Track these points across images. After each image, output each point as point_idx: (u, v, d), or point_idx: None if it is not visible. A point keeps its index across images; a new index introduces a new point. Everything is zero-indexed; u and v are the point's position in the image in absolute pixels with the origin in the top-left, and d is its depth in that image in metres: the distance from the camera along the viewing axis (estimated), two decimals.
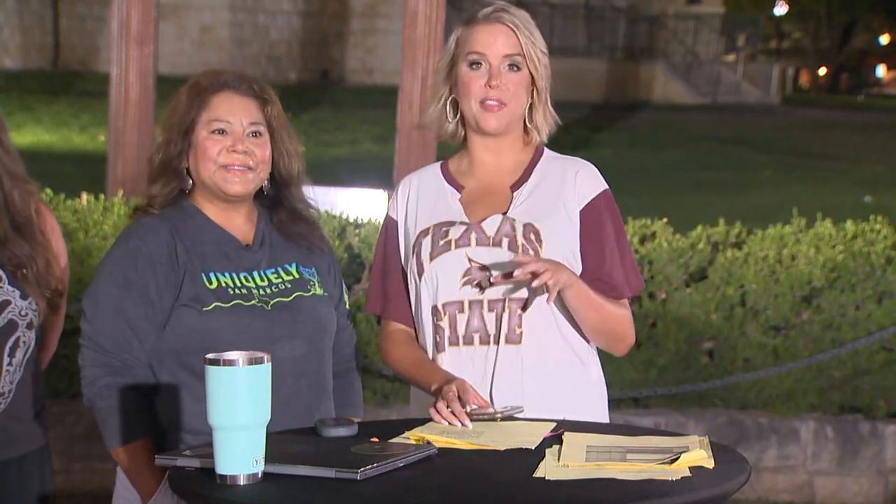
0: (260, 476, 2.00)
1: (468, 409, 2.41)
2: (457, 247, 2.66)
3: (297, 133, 2.80)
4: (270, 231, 2.73)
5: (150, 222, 2.63)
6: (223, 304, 2.58)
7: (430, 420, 2.40)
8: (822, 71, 44.79)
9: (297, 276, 2.70)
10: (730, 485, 2.02)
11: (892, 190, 13.45)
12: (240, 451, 1.98)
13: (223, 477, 1.99)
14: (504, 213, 2.67)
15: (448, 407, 2.42)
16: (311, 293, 2.70)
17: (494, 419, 2.34)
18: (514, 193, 2.70)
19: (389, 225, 2.82)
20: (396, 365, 2.78)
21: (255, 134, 2.66)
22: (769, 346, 5.67)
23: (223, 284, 2.60)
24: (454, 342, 2.66)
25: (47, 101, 17.71)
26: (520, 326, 2.62)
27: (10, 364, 2.77)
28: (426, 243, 2.69)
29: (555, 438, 2.27)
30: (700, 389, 5.57)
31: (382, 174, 9.08)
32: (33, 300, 2.79)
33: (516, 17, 2.70)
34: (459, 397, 2.46)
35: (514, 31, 2.68)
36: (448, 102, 2.76)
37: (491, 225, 2.66)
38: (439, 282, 2.66)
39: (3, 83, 19.28)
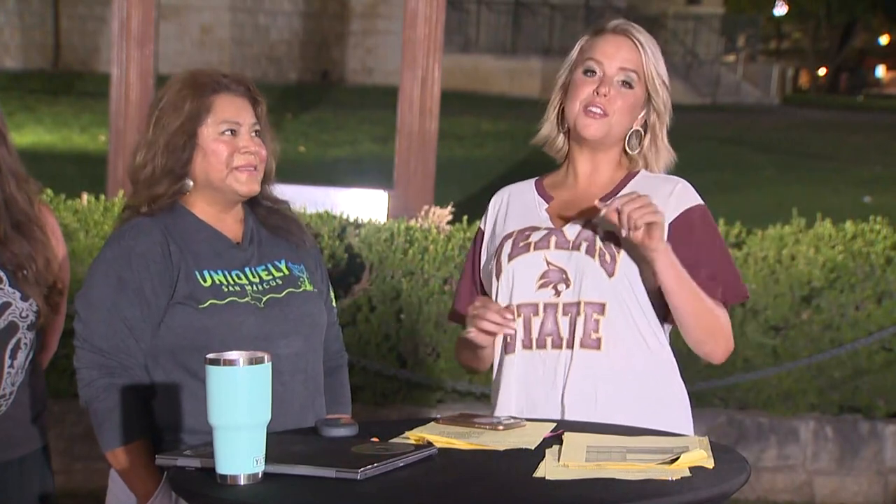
0: (260, 476, 2.00)
1: (475, 419, 2.40)
2: (535, 249, 2.64)
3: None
4: (259, 229, 2.74)
5: (142, 223, 2.64)
6: (218, 302, 2.59)
7: (431, 420, 2.41)
8: (822, 71, 44.78)
9: (286, 272, 2.71)
10: (729, 485, 2.02)
11: (892, 190, 13.45)
12: (240, 451, 1.99)
13: (223, 477, 1.99)
14: (588, 220, 2.64)
15: (483, 313, 2.52)
16: (301, 289, 2.71)
17: (496, 429, 2.34)
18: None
19: (477, 235, 2.85)
20: (458, 355, 2.84)
21: (256, 134, 2.67)
22: (769, 346, 5.67)
23: (217, 282, 2.61)
24: (527, 345, 2.63)
25: (48, 102, 17.71)
26: (597, 331, 2.58)
27: (11, 366, 2.77)
28: (507, 245, 2.68)
29: (555, 438, 2.28)
30: (700, 389, 5.58)
31: (382, 174, 9.08)
32: (34, 301, 2.79)
33: (644, 37, 2.67)
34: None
35: (638, 49, 2.65)
36: (559, 112, 2.73)
37: (572, 230, 2.63)
38: (515, 283, 2.64)
39: (4, 83, 19.28)
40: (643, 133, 2.72)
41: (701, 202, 2.67)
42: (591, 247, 2.60)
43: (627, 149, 2.71)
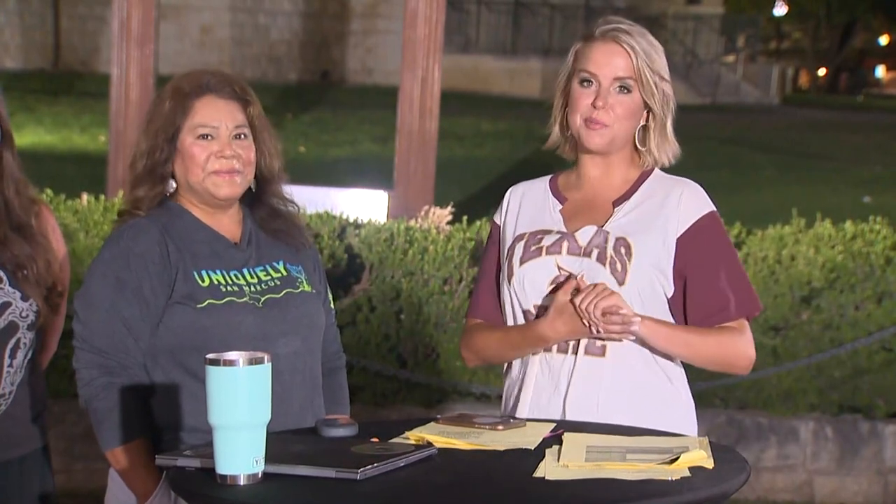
0: (260, 476, 2.00)
1: (475, 419, 2.40)
2: (547, 254, 2.64)
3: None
4: (257, 230, 2.75)
5: (140, 223, 2.64)
6: (216, 301, 2.59)
7: (431, 420, 2.41)
8: (822, 71, 44.76)
9: (284, 273, 2.72)
10: (729, 485, 2.02)
11: (892, 190, 13.45)
12: (240, 451, 1.99)
13: (223, 477, 1.99)
14: (601, 226, 2.64)
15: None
16: (299, 290, 2.71)
17: (496, 429, 2.34)
18: (616, 208, 2.67)
19: (492, 229, 2.84)
20: (484, 348, 2.77)
21: (240, 136, 2.66)
22: (769, 346, 5.67)
23: (215, 282, 2.61)
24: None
25: (48, 102, 17.70)
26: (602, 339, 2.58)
27: (10, 366, 2.78)
28: (519, 248, 2.68)
29: (555, 438, 2.28)
30: (700, 389, 5.57)
31: (382, 174, 9.08)
32: (34, 301, 2.79)
33: (635, 37, 2.64)
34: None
35: (630, 54, 2.63)
36: (563, 119, 2.73)
37: (584, 235, 2.64)
38: (526, 287, 2.65)
39: (4, 83, 19.26)
40: (653, 127, 2.71)
41: (712, 209, 2.68)
42: (603, 254, 2.60)
43: (637, 144, 2.71)
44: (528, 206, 2.77)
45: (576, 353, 2.60)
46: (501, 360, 2.80)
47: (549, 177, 2.81)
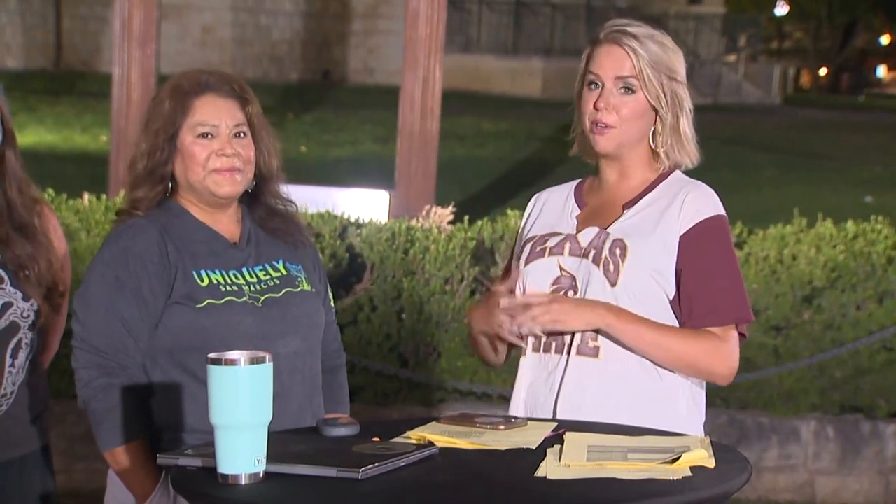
0: (262, 475, 2.00)
1: (476, 418, 2.40)
2: (550, 254, 2.65)
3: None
4: (256, 229, 2.75)
5: (139, 223, 2.64)
6: (216, 301, 2.59)
7: (432, 420, 2.41)
8: (823, 71, 44.77)
9: (284, 272, 2.72)
10: (731, 484, 2.02)
11: (893, 190, 13.43)
12: (241, 451, 1.99)
13: (225, 476, 1.99)
14: (604, 228, 2.64)
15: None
16: (299, 289, 2.71)
17: (497, 428, 2.34)
18: (625, 211, 2.66)
19: (517, 235, 2.85)
20: (482, 354, 2.80)
21: (240, 135, 2.67)
22: (770, 346, 5.67)
23: (214, 282, 2.61)
24: (536, 348, 2.66)
25: (50, 102, 17.70)
26: (595, 340, 2.57)
27: (12, 366, 2.78)
28: (526, 250, 2.70)
29: (556, 438, 2.28)
30: None
31: (384, 174, 9.08)
32: (35, 301, 2.79)
33: (639, 39, 2.63)
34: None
35: (630, 55, 2.62)
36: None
37: (586, 237, 2.64)
38: (529, 287, 2.65)
39: (6, 83, 19.26)
40: (661, 129, 2.69)
41: (718, 212, 2.64)
42: (598, 255, 2.60)
43: (652, 145, 2.70)
44: (547, 211, 2.78)
45: (568, 354, 2.60)
46: (489, 360, 2.81)
47: (576, 182, 2.82)
